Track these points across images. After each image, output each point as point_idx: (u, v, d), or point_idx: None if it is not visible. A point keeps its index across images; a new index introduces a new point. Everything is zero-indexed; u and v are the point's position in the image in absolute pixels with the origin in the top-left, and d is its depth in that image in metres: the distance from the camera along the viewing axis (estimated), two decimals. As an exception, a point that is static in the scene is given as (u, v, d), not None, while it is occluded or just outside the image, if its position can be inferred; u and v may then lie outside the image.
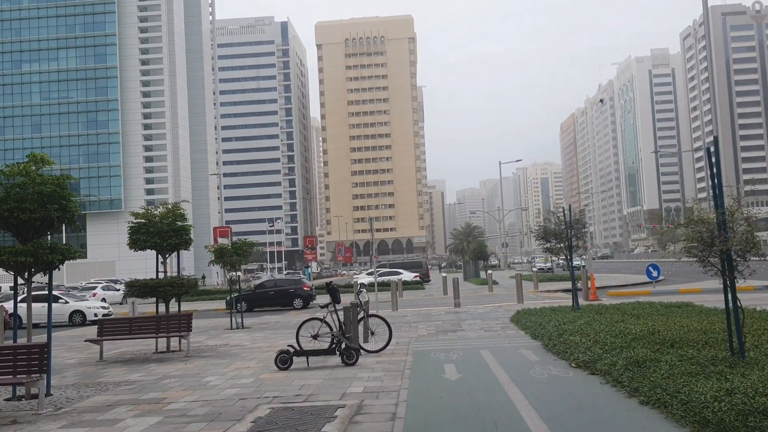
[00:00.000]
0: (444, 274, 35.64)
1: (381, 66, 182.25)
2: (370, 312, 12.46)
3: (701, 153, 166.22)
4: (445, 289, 33.91)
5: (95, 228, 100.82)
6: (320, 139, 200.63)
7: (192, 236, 14.84)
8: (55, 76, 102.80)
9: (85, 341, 13.56)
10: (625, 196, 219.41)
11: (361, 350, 11.45)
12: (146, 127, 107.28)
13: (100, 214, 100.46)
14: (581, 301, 19.49)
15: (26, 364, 8.29)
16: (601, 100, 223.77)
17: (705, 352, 8.30)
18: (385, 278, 44.50)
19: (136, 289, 14.15)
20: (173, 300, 14.82)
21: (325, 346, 12.01)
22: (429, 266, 55.80)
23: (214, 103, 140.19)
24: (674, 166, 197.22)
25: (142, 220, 14.45)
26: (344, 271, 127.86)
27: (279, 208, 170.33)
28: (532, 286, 35.65)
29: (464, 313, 21.00)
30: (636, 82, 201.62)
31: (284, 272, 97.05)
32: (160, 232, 14.22)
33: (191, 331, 13.50)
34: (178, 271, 15.65)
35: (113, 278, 70.15)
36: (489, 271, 35.70)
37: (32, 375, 8.26)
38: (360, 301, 11.70)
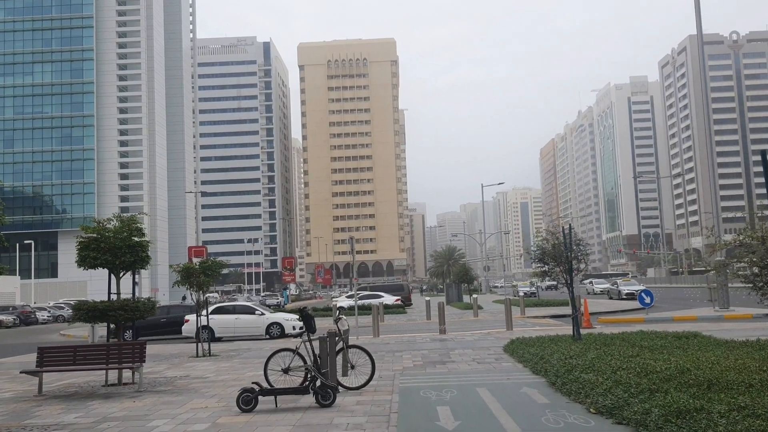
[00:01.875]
0: (427, 298, 34.09)
1: (363, 88, 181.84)
2: (350, 341, 10.85)
3: (680, 179, 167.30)
4: (429, 314, 32.34)
5: (67, 246, 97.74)
6: (301, 159, 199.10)
7: (149, 254, 13.16)
8: (30, 90, 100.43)
9: (21, 372, 11.75)
10: (604, 222, 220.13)
11: (340, 387, 9.85)
12: (122, 143, 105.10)
13: (73, 232, 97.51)
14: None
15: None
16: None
17: (763, 400, 6.81)
18: (366, 302, 42.85)
19: (83, 312, 12.42)
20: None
21: (299, 381, 10.39)
22: (411, 289, 54.19)
23: (194, 122, 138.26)
24: (653, 192, 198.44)
25: (93, 235, 12.77)
26: (323, 294, 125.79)
27: (258, 228, 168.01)
28: (519, 311, 34.21)
29: (451, 340, 19.44)
30: (615, 109, 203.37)
31: (262, 294, 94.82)
32: (113, 248, 12.55)
33: (144, 361, 11.79)
34: (133, 293, 13.92)
35: (84, 299, 67.74)
36: (474, 296, 34.17)
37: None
38: (339, 330, 10.12)
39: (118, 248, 12.54)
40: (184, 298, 66.17)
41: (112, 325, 13.07)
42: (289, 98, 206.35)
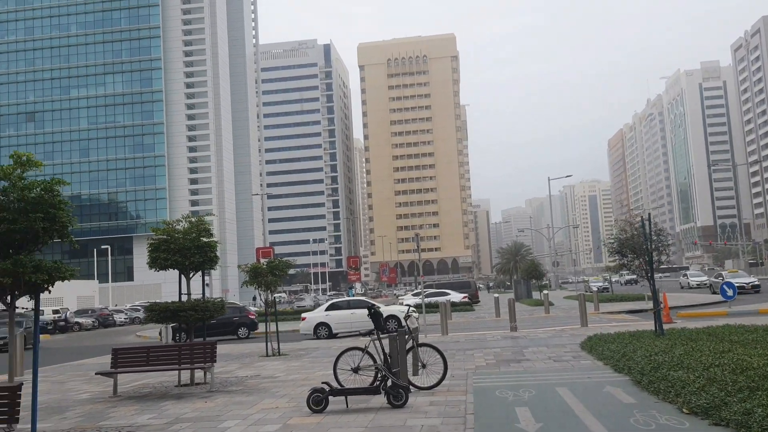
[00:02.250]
0: (496, 295, 33.40)
1: (424, 85, 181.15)
2: (420, 339, 10.51)
3: (757, 167, 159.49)
4: (498, 311, 31.68)
5: (141, 250, 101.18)
6: (363, 159, 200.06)
7: (218, 254, 13.19)
8: (102, 101, 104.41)
9: (96, 374, 11.95)
10: (677, 213, 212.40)
11: (411, 387, 9.53)
12: (191, 149, 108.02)
13: (147, 236, 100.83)
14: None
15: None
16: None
17: None
18: (433, 299, 42.46)
19: (156, 313, 12.53)
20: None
21: (368, 380, 10.15)
22: (477, 286, 53.44)
23: (258, 126, 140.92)
24: (728, 181, 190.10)
25: (163, 237, 12.88)
26: (389, 292, 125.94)
27: (323, 229, 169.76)
28: (592, 307, 33.13)
29: (523, 338, 18.85)
30: (686, 96, 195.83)
31: (328, 293, 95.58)
32: (183, 249, 12.61)
33: (215, 362, 11.78)
34: (203, 294, 14.00)
35: (157, 300, 69.89)
36: (545, 292, 33.28)
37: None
38: (408, 328, 9.80)
39: (187, 249, 12.60)
40: (254, 298, 67.30)
41: (172, 326, 13.15)
42: (350, 99, 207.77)
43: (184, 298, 13.24)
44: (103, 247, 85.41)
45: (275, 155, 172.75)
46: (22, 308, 8.13)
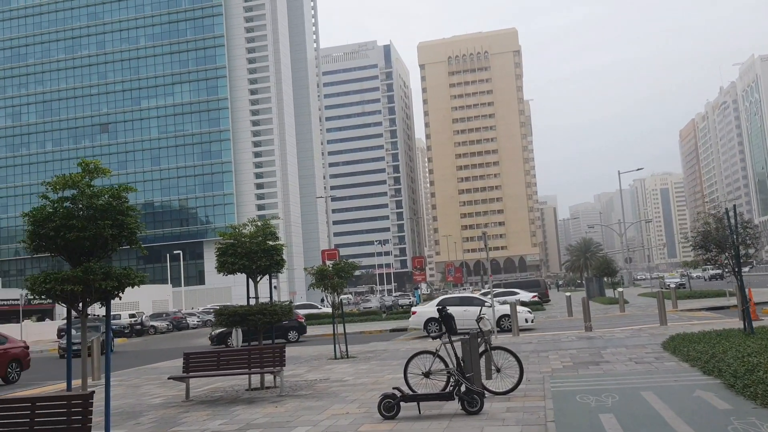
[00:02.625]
0: (568, 294, 32.46)
1: (486, 81, 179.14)
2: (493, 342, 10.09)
3: None
4: (570, 310, 30.77)
5: (211, 255, 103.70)
6: (426, 159, 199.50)
7: (284, 257, 13.11)
8: (171, 110, 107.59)
9: (169, 378, 12.05)
10: (755, 204, 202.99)
11: (486, 393, 9.13)
12: (256, 155, 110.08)
13: (216, 241, 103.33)
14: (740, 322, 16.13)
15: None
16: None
17: None
18: (501, 299, 41.69)
19: (225, 317, 12.54)
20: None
21: (440, 385, 9.82)
22: (547, 285, 52.13)
23: (321, 129, 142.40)
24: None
25: (230, 241, 12.89)
26: (454, 293, 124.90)
27: (387, 230, 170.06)
28: (670, 304, 31.78)
29: (599, 338, 18.11)
30: (761, 82, 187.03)
31: (394, 294, 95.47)
32: (249, 253, 12.58)
33: (284, 365, 11.67)
34: (270, 297, 13.98)
35: (227, 304, 71.38)
36: (619, 289, 32.09)
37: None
38: (481, 330, 9.41)
39: (254, 253, 12.57)
40: (322, 300, 67.89)
41: (226, 329, 13.10)
42: (410, 99, 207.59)
43: (252, 301, 13.23)
44: (175, 252, 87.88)
45: (338, 158, 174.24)
46: (94, 315, 8.17)
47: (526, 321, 23.81)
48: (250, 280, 13.13)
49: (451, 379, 9.56)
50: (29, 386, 17.72)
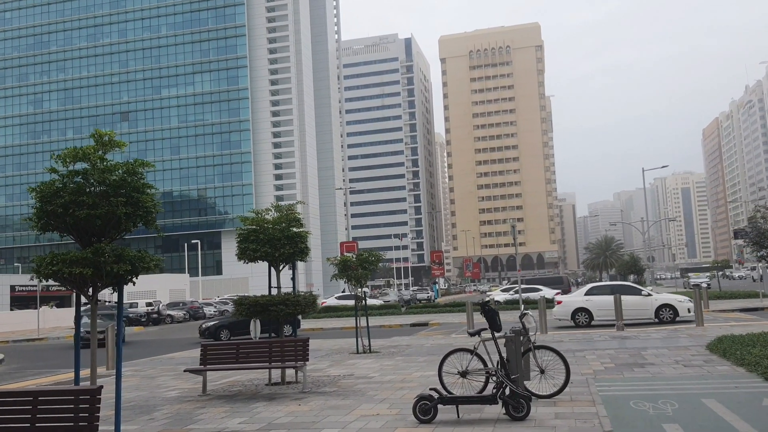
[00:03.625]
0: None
1: (507, 77, 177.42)
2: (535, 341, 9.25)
3: None
4: (596, 308, 29.67)
5: (229, 245, 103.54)
6: (445, 153, 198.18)
7: (309, 245, 12.37)
8: (192, 100, 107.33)
9: (185, 371, 11.36)
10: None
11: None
12: (276, 145, 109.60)
13: (234, 231, 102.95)
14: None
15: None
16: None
17: None
18: (525, 295, 40.77)
19: (245, 307, 11.82)
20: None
21: (477, 386, 9.06)
22: (570, 282, 51.01)
23: (341, 122, 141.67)
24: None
25: (253, 227, 12.17)
26: (472, 288, 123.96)
27: (404, 224, 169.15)
28: (701, 305, 30.72)
29: (634, 338, 17.23)
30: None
31: (412, 288, 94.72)
32: (272, 239, 11.86)
33: (307, 360, 10.95)
34: (294, 287, 13.28)
35: (245, 294, 71.08)
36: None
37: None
38: (524, 327, 8.61)
39: (277, 240, 11.84)
40: (343, 291, 67.34)
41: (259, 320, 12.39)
42: (431, 93, 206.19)
43: (274, 291, 12.52)
44: (193, 241, 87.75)
45: (357, 151, 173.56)
46: (110, 302, 7.45)
47: (688, 311, 22.31)
48: (272, 269, 12.43)
49: (491, 380, 8.81)
50: (39, 375, 17.20)
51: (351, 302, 40.43)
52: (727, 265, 58.76)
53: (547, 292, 39.90)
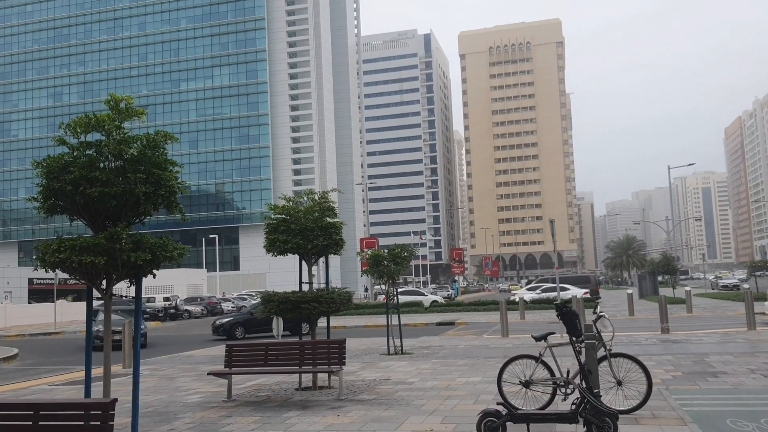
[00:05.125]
0: (630, 291, 30.03)
1: (527, 73, 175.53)
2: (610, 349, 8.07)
3: None
4: (631, 309, 28.43)
5: (247, 240, 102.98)
6: (463, 150, 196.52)
7: (343, 237, 11.29)
8: (210, 93, 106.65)
9: (209, 374, 10.32)
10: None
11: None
12: (294, 140, 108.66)
13: (252, 227, 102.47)
14: None
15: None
16: None
17: None
18: (552, 294, 39.58)
19: (274, 305, 10.73)
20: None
21: (543, 398, 7.93)
22: (598, 281, 49.49)
23: (360, 118, 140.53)
24: None
25: (283, 216, 11.09)
26: (492, 286, 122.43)
27: (422, 221, 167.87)
28: (741, 307, 29.35)
29: (685, 341, 16.00)
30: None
31: (429, 286, 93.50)
32: (304, 230, 10.77)
33: (344, 364, 9.87)
34: (327, 282, 12.20)
35: (270, 290, 70.21)
36: (688, 288, 29.65)
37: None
38: (599, 332, 7.46)
39: (310, 230, 10.75)
40: (366, 289, 66.42)
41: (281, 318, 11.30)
42: (450, 89, 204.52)
43: (305, 287, 11.45)
44: (211, 236, 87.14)
45: (375, 147, 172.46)
46: (127, 296, 6.38)
47: None
48: (303, 262, 11.35)
49: (558, 392, 7.68)
50: (52, 372, 16.30)
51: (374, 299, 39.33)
52: (765, 265, 56.92)
53: (576, 292, 38.61)
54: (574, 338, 7.10)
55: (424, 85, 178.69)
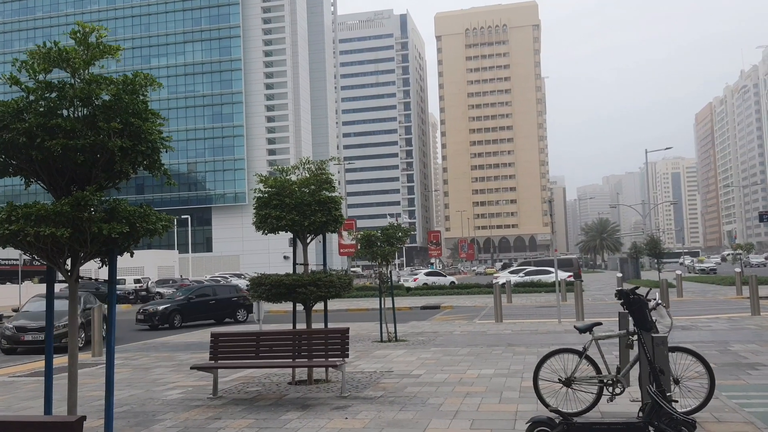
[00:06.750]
0: (619, 274, 29.32)
1: (503, 56, 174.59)
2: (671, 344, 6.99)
3: None
4: (621, 293, 27.67)
5: (220, 222, 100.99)
6: (438, 133, 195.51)
7: (342, 213, 10.07)
8: (182, 70, 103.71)
9: (192, 368, 9.06)
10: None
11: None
12: (269, 119, 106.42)
13: (225, 207, 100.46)
14: None
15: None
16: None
17: None
18: (535, 278, 38.88)
19: (266, 289, 9.50)
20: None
21: (587, 398, 6.88)
22: (580, 264, 48.99)
23: (336, 98, 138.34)
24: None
25: (273, 189, 9.83)
26: (467, 269, 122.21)
27: (397, 203, 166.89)
28: (732, 291, 28.92)
29: (693, 328, 15.19)
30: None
31: (405, 268, 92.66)
32: (300, 205, 9.53)
33: (347, 357, 8.70)
34: (324, 264, 11.00)
35: (237, 272, 68.54)
36: (678, 272, 29.04)
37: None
38: (654, 323, 6.39)
39: (307, 205, 9.51)
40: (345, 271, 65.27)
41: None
42: (425, 71, 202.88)
43: (300, 269, 10.22)
44: (183, 217, 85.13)
45: (351, 128, 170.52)
46: (92, 278, 5.09)
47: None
48: (297, 241, 10.11)
49: (605, 391, 6.64)
50: (11, 361, 14.88)
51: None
52: (749, 249, 56.96)
53: (559, 275, 37.90)
54: (643, 331, 6.00)
55: (400, 66, 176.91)
